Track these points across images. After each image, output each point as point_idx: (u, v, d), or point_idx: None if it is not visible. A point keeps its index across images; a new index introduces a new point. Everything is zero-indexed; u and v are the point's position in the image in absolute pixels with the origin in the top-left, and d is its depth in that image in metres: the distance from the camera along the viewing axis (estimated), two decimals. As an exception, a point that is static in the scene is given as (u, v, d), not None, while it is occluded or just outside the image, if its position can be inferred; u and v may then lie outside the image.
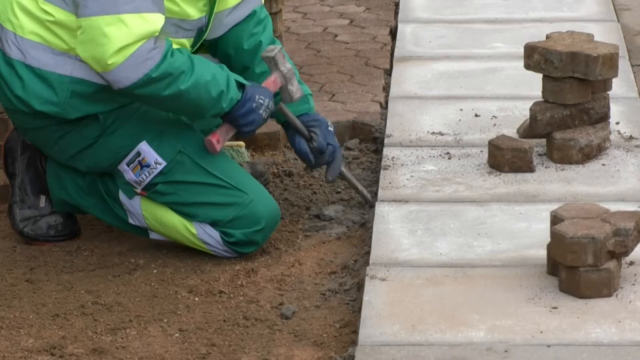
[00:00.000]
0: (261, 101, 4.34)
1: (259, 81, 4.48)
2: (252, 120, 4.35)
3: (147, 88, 4.18)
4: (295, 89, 4.46)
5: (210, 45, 4.62)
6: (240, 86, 4.34)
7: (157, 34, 4.15)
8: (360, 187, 4.58)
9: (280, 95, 4.50)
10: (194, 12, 4.40)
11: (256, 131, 4.46)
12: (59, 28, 4.26)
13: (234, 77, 4.34)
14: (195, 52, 4.55)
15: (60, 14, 4.24)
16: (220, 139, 4.38)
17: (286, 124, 4.52)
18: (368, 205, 4.55)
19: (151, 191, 4.42)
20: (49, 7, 4.26)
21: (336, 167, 4.49)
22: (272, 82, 4.46)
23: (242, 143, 4.93)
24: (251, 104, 4.33)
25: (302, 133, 4.44)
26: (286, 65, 4.46)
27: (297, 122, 4.45)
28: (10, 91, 4.38)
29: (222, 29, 4.57)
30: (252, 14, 4.59)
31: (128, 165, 4.40)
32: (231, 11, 4.56)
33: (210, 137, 4.37)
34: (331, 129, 4.51)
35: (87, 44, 4.16)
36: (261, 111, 4.34)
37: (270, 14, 4.82)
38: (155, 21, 4.14)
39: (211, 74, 4.25)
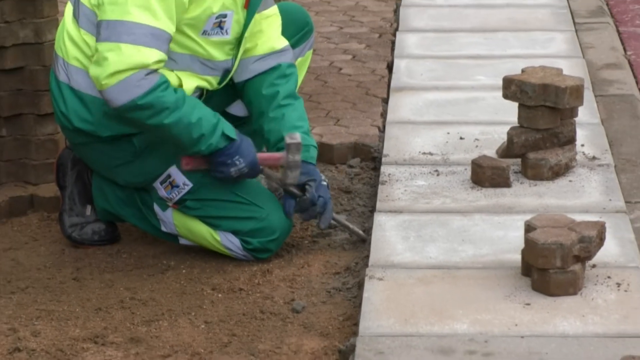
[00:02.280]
0: (237, 162, 4.28)
1: (271, 128, 4.43)
2: (221, 171, 4.30)
3: (134, 113, 4.15)
4: (292, 177, 4.38)
5: (236, 86, 4.56)
6: (229, 139, 4.27)
7: (149, 66, 4.10)
8: (352, 227, 4.52)
9: (282, 169, 4.44)
10: (219, 55, 4.40)
11: (228, 181, 4.36)
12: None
13: (227, 129, 4.27)
14: (223, 91, 4.54)
15: (94, 42, 4.24)
16: (191, 164, 4.34)
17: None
18: (362, 241, 4.49)
19: (181, 205, 4.44)
20: (87, 37, 4.28)
21: (327, 217, 4.43)
22: (275, 158, 4.42)
23: None
24: (227, 159, 4.28)
25: (291, 191, 4.40)
26: (296, 157, 4.35)
27: (293, 189, 4.40)
28: (58, 108, 4.43)
29: (247, 74, 4.51)
30: (278, 66, 4.52)
31: (161, 184, 4.42)
32: (258, 59, 4.51)
33: (184, 157, 4.33)
34: (324, 183, 4.46)
35: (93, 65, 4.16)
36: (232, 169, 4.28)
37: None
38: (149, 55, 4.10)
39: (197, 118, 4.19)
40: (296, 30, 4.75)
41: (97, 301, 4.23)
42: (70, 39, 4.33)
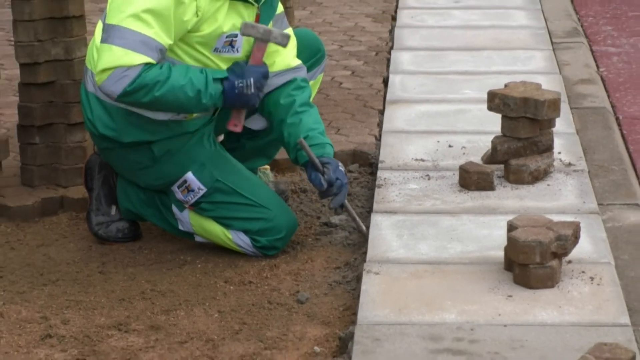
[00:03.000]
0: (241, 84, 4.26)
1: (290, 132, 4.41)
2: (246, 100, 4.29)
3: (129, 97, 4.16)
4: (279, 36, 4.35)
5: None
6: (225, 77, 4.26)
7: (131, 66, 4.11)
8: (358, 220, 4.48)
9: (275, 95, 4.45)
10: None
11: (260, 97, 4.34)
12: None
13: (214, 73, 4.26)
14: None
15: None
16: (236, 122, 4.35)
17: (305, 163, 4.39)
18: (363, 236, 4.46)
19: (197, 207, 4.43)
20: (99, 44, 4.26)
21: (340, 199, 4.38)
22: (256, 51, 4.36)
23: (267, 166, 4.93)
24: (234, 90, 4.26)
25: (317, 168, 4.35)
26: (258, 30, 4.31)
27: (315, 159, 4.34)
28: (86, 116, 4.44)
29: (266, 88, 4.46)
30: (293, 80, 4.50)
31: (178, 188, 4.42)
32: (275, 75, 4.48)
33: (228, 124, 4.35)
34: (342, 168, 4.42)
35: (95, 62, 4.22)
36: (247, 91, 4.27)
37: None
38: (135, 58, 4.11)
39: (187, 79, 4.19)
40: (310, 55, 4.74)
41: (121, 292, 4.23)
42: (94, 49, 4.33)
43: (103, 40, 4.17)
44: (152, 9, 4.12)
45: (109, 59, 4.12)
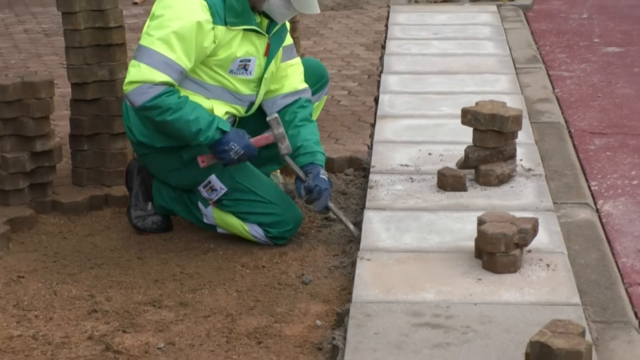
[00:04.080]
0: (233, 147, 4.23)
1: (292, 142, 4.40)
2: (223, 157, 4.26)
3: (146, 112, 4.17)
4: (284, 147, 4.37)
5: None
6: (224, 132, 4.25)
7: (155, 83, 4.11)
8: (345, 220, 4.43)
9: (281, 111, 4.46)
10: (245, 90, 4.40)
11: (233, 162, 4.30)
12: None
13: (221, 124, 4.25)
14: (257, 120, 4.52)
15: None
16: (205, 160, 4.32)
17: (303, 166, 4.41)
18: (353, 236, 4.41)
19: (219, 204, 4.43)
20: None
21: (322, 203, 4.36)
22: (264, 138, 4.37)
23: (278, 171, 4.92)
24: (224, 146, 4.23)
25: (300, 178, 4.36)
26: (279, 130, 4.35)
27: (298, 171, 4.37)
28: (126, 124, 4.47)
29: (275, 108, 4.50)
30: (298, 100, 4.52)
31: (203, 187, 4.42)
32: (283, 96, 4.52)
33: (199, 156, 4.31)
34: (323, 176, 4.38)
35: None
36: (231, 153, 4.24)
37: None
38: (157, 76, 4.12)
39: (195, 116, 4.18)
40: (316, 81, 4.73)
41: (155, 274, 4.23)
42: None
43: (134, 58, 4.19)
44: (177, 32, 4.13)
45: (136, 74, 4.13)
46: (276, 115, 4.40)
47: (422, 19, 8.05)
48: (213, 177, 4.40)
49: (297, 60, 4.61)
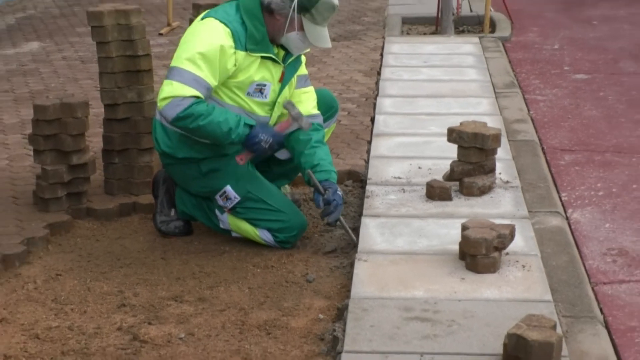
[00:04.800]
0: (262, 137, 4.26)
1: (306, 161, 4.37)
2: (256, 148, 4.29)
3: (180, 122, 4.16)
4: (305, 123, 4.36)
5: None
6: (251, 127, 4.27)
7: (186, 97, 4.11)
8: (350, 232, 4.40)
9: (297, 132, 4.41)
10: (260, 111, 4.39)
11: (266, 152, 4.33)
12: None
13: (246, 121, 4.26)
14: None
15: None
16: (243, 158, 4.34)
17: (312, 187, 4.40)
18: (352, 244, 4.36)
19: (233, 211, 4.43)
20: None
21: (335, 216, 4.33)
22: (285, 122, 4.38)
23: (287, 185, 4.91)
24: (254, 139, 4.26)
25: (319, 191, 4.33)
26: (295, 111, 4.36)
27: (318, 184, 4.33)
28: (154, 136, 4.46)
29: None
30: (316, 124, 4.49)
31: (219, 197, 4.41)
32: None
33: (237, 156, 4.34)
34: (339, 192, 4.37)
35: (159, 93, 4.23)
36: (262, 143, 4.27)
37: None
38: (188, 91, 4.12)
39: (224, 118, 4.19)
40: (326, 110, 4.70)
41: (177, 273, 4.23)
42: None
43: (166, 77, 4.20)
44: (204, 54, 4.15)
45: (169, 90, 4.14)
46: (289, 99, 4.40)
47: (413, 49, 8.05)
48: (228, 188, 4.39)
49: (311, 89, 4.61)
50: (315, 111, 4.56)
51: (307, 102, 4.54)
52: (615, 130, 6.14)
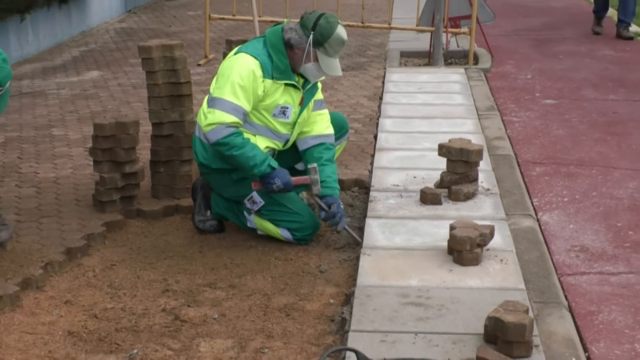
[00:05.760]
0: (275, 182, 4.23)
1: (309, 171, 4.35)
2: (267, 187, 4.26)
3: (218, 147, 4.16)
4: (316, 189, 4.33)
5: (300, 152, 4.51)
6: (273, 168, 4.24)
7: (227, 124, 4.10)
8: (355, 235, 4.37)
9: (312, 150, 4.41)
10: (283, 130, 4.39)
11: (273, 192, 4.28)
12: None
13: (271, 162, 4.24)
14: (292, 154, 4.52)
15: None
16: (257, 185, 4.30)
17: (319, 195, 4.36)
18: (357, 244, 4.33)
19: (258, 213, 4.42)
20: (206, 109, 4.26)
21: (341, 225, 4.33)
22: (302, 179, 4.35)
23: (304, 192, 4.90)
24: (270, 179, 4.23)
25: (323, 208, 4.32)
26: (315, 177, 4.32)
27: (321, 204, 4.32)
28: (194, 149, 4.46)
29: (306, 145, 4.47)
30: (324, 142, 4.47)
31: (247, 201, 4.40)
32: (313, 137, 4.47)
33: (253, 182, 4.31)
34: (341, 206, 4.37)
35: (202, 119, 4.24)
36: (274, 185, 4.24)
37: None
38: (228, 118, 4.12)
39: (253, 154, 4.17)
40: (338, 129, 4.68)
41: (211, 264, 4.23)
42: (202, 112, 4.34)
43: (210, 106, 4.19)
44: (240, 84, 4.16)
45: (213, 118, 4.13)
46: (315, 165, 4.35)
47: (410, 78, 8.04)
48: (254, 194, 4.39)
49: (325, 112, 4.59)
50: (328, 131, 4.54)
51: (321, 122, 4.53)
52: (578, 147, 6.12)
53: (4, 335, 3.52)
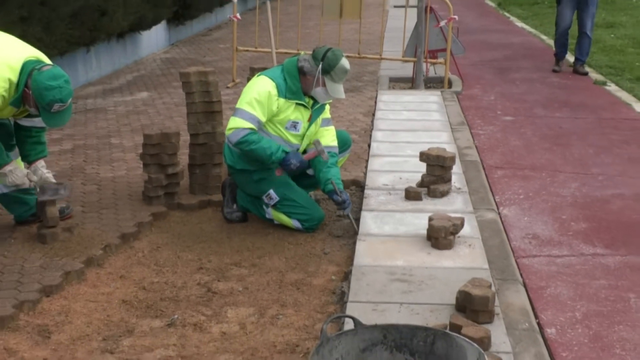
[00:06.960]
0: (291, 162, 4.25)
1: (322, 177, 4.30)
2: (287, 168, 4.27)
3: (239, 145, 4.14)
4: (324, 155, 4.30)
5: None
6: (286, 153, 4.23)
7: (244, 128, 4.09)
8: (354, 222, 4.33)
9: (319, 158, 4.35)
10: (294, 140, 4.37)
11: (294, 171, 4.27)
12: None
13: (284, 149, 4.24)
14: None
15: None
16: (279, 172, 4.29)
17: (329, 192, 4.32)
18: (354, 233, 4.28)
19: (275, 207, 4.40)
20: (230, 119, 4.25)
21: (348, 210, 4.31)
22: (311, 153, 4.34)
23: (312, 192, 4.86)
24: (286, 162, 4.25)
25: (337, 193, 4.28)
26: (319, 147, 4.31)
27: (337, 188, 4.26)
28: (224, 153, 4.44)
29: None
30: (329, 151, 4.43)
31: (265, 197, 4.39)
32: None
33: (276, 170, 4.29)
34: (348, 195, 4.33)
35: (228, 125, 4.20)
36: (292, 166, 4.25)
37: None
38: (245, 124, 4.11)
39: (268, 145, 4.16)
40: (342, 144, 4.65)
41: (237, 247, 4.22)
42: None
43: (233, 115, 4.20)
44: (257, 99, 4.15)
45: (233, 123, 4.14)
46: (318, 139, 4.36)
47: (396, 98, 8.02)
48: (271, 191, 4.37)
49: (332, 128, 4.55)
50: (333, 144, 4.51)
51: (327, 136, 4.51)
52: (531, 155, 6.10)
53: (72, 303, 3.53)
